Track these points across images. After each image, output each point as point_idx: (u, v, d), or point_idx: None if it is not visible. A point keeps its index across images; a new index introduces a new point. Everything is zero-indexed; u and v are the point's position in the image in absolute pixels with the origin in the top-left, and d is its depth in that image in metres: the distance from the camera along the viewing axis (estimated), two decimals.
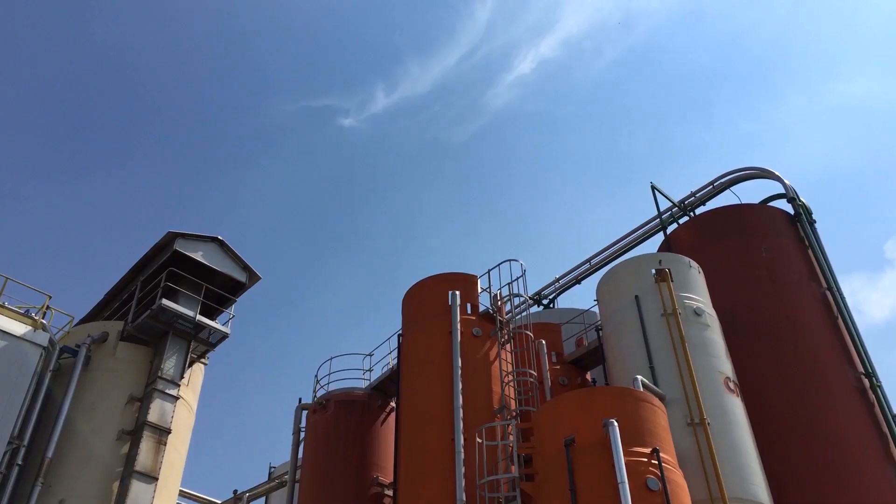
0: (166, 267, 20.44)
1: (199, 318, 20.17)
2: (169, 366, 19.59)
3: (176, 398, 19.35)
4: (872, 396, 19.69)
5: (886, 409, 19.44)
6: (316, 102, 78.18)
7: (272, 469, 30.89)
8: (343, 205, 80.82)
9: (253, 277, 21.56)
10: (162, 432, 18.63)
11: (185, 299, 20.30)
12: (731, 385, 17.97)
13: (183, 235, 20.68)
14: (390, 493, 19.72)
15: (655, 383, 17.46)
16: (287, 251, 77.50)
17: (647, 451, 14.23)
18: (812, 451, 18.18)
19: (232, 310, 21.50)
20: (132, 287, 21.48)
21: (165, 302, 19.59)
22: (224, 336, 20.87)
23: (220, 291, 21.13)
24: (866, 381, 19.96)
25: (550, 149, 79.58)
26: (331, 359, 22.58)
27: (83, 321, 22.22)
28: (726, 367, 18.36)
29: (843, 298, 21.77)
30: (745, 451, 16.80)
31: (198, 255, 20.68)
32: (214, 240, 21.20)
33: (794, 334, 20.35)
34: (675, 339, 18.12)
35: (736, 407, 17.58)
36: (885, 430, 19.11)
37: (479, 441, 16.64)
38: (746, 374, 19.38)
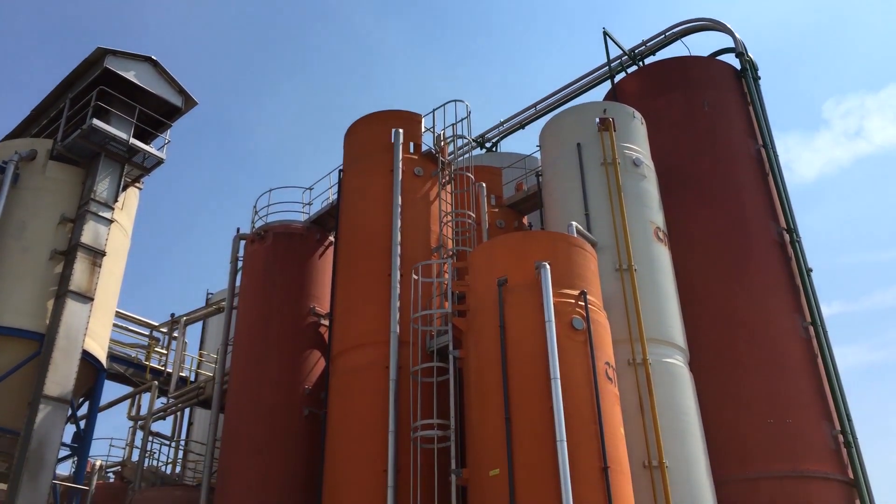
0: (96, 85, 19.50)
1: (133, 141, 19.56)
2: (102, 188, 19.15)
3: (110, 221, 19.09)
4: (791, 251, 20.74)
5: (802, 263, 20.54)
6: None
7: (210, 295, 31.28)
8: (286, 30, 77.35)
9: (189, 102, 20.80)
10: (96, 254, 18.51)
11: (117, 121, 19.56)
12: (661, 235, 18.66)
13: (114, 52, 19.61)
14: (326, 322, 20.29)
15: (589, 230, 17.98)
16: (227, 77, 74.60)
17: (576, 293, 14.86)
18: (728, 299, 19.30)
19: (167, 135, 20.87)
20: (60, 104, 20.54)
21: (96, 122, 18.86)
22: (159, 161, 20.37)
23: (154, 115, 20.39)
24: (787, 237, 20.93)
25: None
26: (270, 191, 22.41)
27: (8, 137, 21.34)
28: (658, 217, 18.97)
29: (776, 156, 22.36)
30: (667, 296, 17.74)
31: (130, 75, 19.74)
32: (148, 59, 20.18)
33: (725, 188, 21.00)
34: (611, 188, 18.52)
35: (663, 255, 18.36)
36: (798, 282, 20.29)
37: (415, 277, 17.07)
38: (676, 224, 20.10)
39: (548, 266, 14.61)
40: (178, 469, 24.63)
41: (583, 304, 14.72)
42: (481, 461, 13.74)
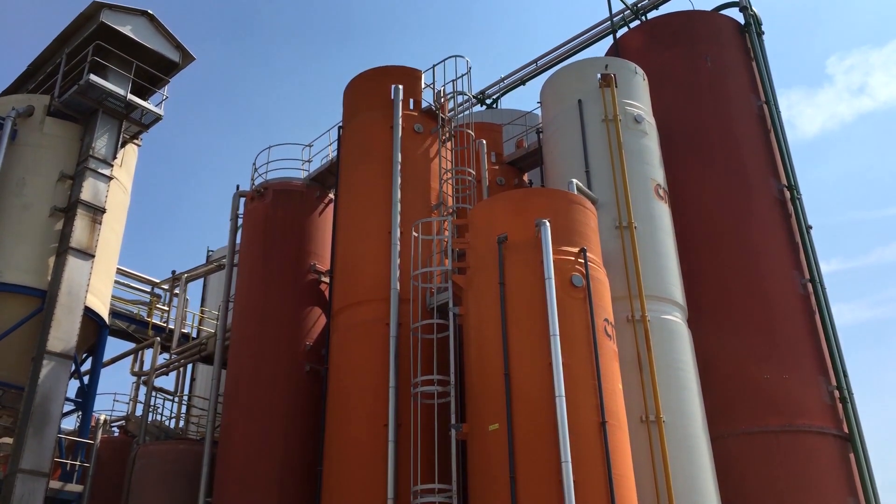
0: (92, 40, 19.31)
1: (131, 97, 19.42)
2: (100, 145, 19.08)
3: (109, 178, 19.06)
4: (791, 208, 20.72)
5: (802, 220, 20.54)
6: None
7: (210, 253, 31.35)
8: None
9: (186, 57, 20.60)
10: (96, 211, 18.52)
11: (114, 76, 19.40)
12: (661, 192, 18.63)
13: (110, 6, 19.37)
14: (326, 280, 20.37)
15: (590, 187, 17.95)
16: (224, 32, 73.65)
17: (575, 250, 14.90)
18: (728, 256, 19.34)
19: (165, 91, 20.72)
20: (57, 59, 20.36)
21: (93, 78, 18.70)
22: (157, 118, 20.26)
23: (151, 70, 20.21)
24: (788, 194, 20.89)
25: None
26: (269, 147, 22.30)
27: (5, 93, 21.20)
28: (658, 174, 18.91)
29: (778, 112, 22.20)
30: (667, 253, 17.78)
31: (126, 30, 19.52)
32: (144, 14, 19.94)
33: (726, 145, 20.89)
34: (612, 145, 18.42)
35: (663, 213, 18.35)
36: (798, 240, 20.31)
37: (416, 235, 17.09)
38: (677, 181, 20.06)
39: (548, 223, 14.62)
40: (181, 423, 24.96)
41: (582, 261, 14.77)
42: (481, 416, 13.92)
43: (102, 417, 23.61)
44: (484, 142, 20.55)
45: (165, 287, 27.59)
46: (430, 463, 15.09)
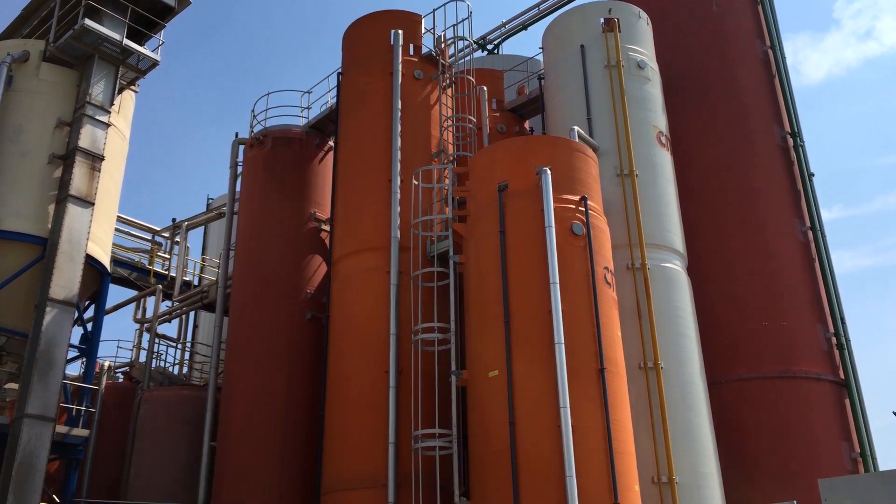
0: None
1: (126, 42, 19.11)
2: (97, 91, 18.85)
3: (107, 125, 18.88)
4: (794, 155, 20.59)
5: (804, 167, 20.44)
6: None
7: (210, 201, 31.27)
8: None
9: (182, 1, 20.21)
10: (95, 158, 18.39)
11: (109, 21, 19.05)
12: (663, 139, 18.49)
13: None
14: (327, 228, 20.36)
15: (591, 134, 17.80)
16: None
17: (576, 198, 14.86)
18: (729, 204, 19.32)
19: (161, 36, 20.36)
20: (51, 3, 19.98)
21: (88, 22, 18.37)
22: (154, 63, 19.96)
23: (147, 15, 19.84)
24: (791, 141, 20.75)
25: None
26: (268, 94, 22.05)
27: None
28: (661, 121, 18.74)
29: (783, 58, 21.90)
30: (667, 201, 17.74)
31: None
32: None
33: (730, 92, 20.67)
34: (615, 91, 18.23)
35: (665, 160, 18.24)
36: (800, 187, 20.25)
37: (416, 183, 17.02)
38: (679, 128, 19.89)
39: (549, 171, 14.55)
40: (184, 370, 25.24)
41: (583, 209, 14.74)
42: (481, 363, 14.06)
43: (107, 364, 23.88)
44: (485, 88, 20.32)
45: (166, 235, 27.59)
46: (431, 409, 15.30)
